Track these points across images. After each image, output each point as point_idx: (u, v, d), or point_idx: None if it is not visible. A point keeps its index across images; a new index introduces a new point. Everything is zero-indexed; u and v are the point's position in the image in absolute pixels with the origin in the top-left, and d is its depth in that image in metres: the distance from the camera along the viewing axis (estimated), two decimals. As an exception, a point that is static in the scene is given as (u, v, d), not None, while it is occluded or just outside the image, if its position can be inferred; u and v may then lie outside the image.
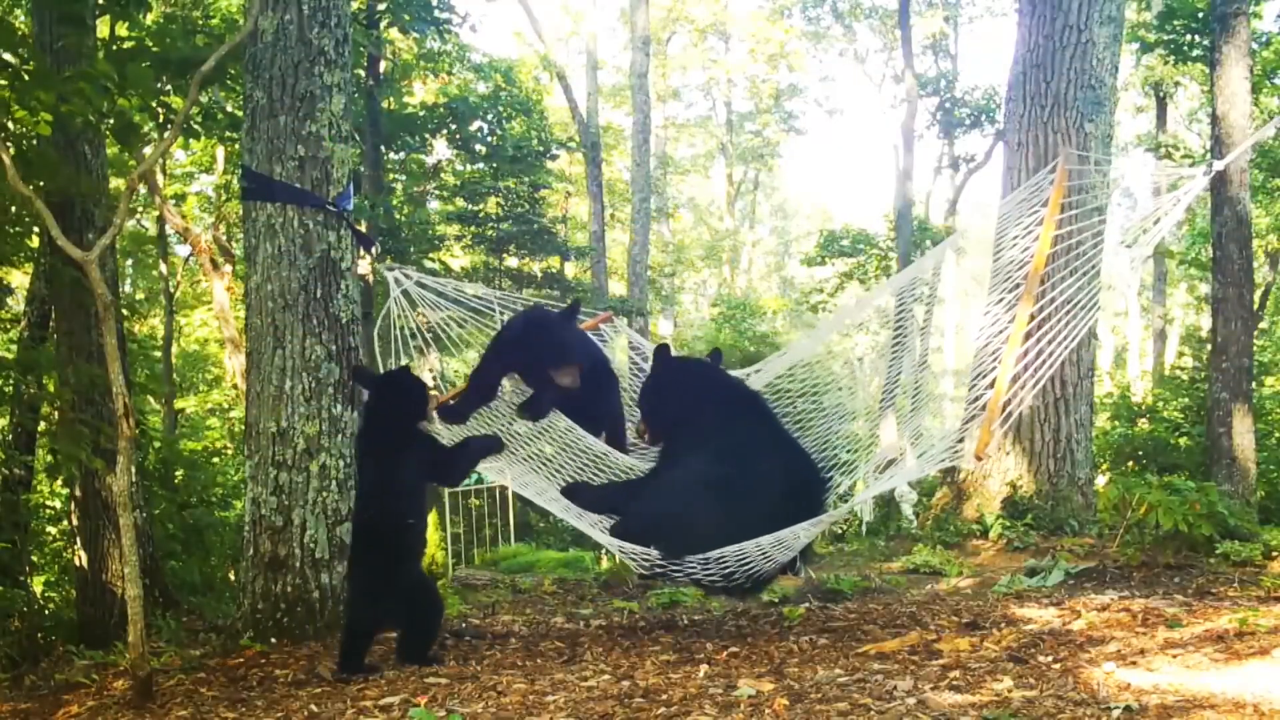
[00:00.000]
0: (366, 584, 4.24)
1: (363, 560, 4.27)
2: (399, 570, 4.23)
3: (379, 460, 4.30)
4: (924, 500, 11.92)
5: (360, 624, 4.26)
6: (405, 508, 4.27)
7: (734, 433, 4.69)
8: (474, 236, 19.61)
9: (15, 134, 6.39)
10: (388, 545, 4.21)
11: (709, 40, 31.20)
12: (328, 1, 5.10)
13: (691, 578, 4.50)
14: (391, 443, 4.31)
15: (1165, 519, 5.98)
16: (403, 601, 4.23)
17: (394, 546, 4.22)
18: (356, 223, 5.39)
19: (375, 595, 4.20)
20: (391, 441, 4.32)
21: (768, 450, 4.66)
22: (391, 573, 4.20)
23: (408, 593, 4.25)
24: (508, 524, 11.26)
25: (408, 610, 4.26)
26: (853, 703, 3.22)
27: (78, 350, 6.70)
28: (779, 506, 4.40)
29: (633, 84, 20.05)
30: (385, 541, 4.20)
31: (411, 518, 4.30)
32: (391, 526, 4.22)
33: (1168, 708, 3.01)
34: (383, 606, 4.22)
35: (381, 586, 4.19)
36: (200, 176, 17.01)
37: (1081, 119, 8.81)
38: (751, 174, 33.92)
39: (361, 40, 12.33)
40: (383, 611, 4.25)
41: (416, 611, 4.28)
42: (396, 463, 4.28)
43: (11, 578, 7.01)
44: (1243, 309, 9.58)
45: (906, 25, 18.44)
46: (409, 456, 4.32)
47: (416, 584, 4.35)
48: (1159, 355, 21.79)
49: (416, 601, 4.28)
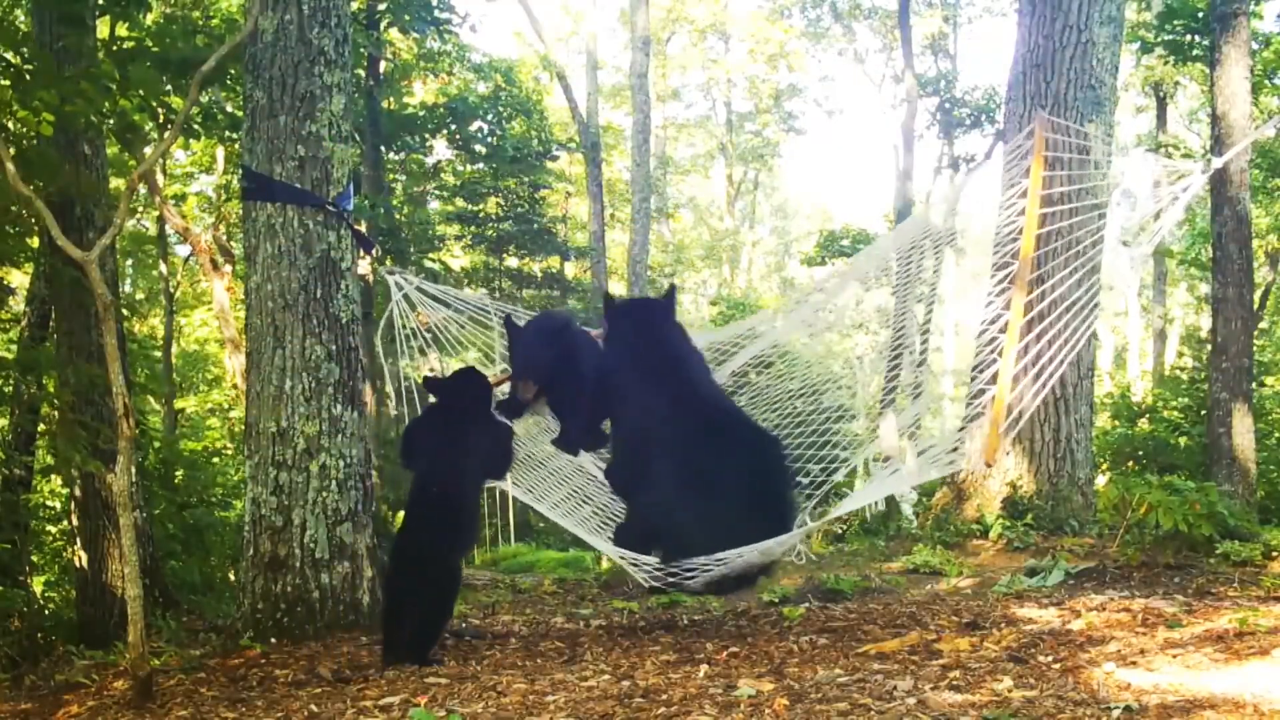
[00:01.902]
0: (417, 563, 4.33)
1: (419, 538, 4.38)
2: (451, 554, 4.40)
3: (450, 445, 4.51)
4: (924, 500, 11.92)
5: (405, 607, 4.34)
6: (472, 491, 4.58)
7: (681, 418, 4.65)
8: (474, 236, 19.63)
9: (15, 134, 6.39)
10: (448, 526, 4.37)
11: (709, 40, 31.20)
12: (328, 1, 5.10)
13: (698, 580, 4.48)
14: (465, 429, 4.58)
15: (1165, 519, 5.97)
16: (440, 586, 4.34)
17: (453, 528, 4.40)
18: (356, 223, 5.40)
19: (423, 576, 4.30)
20: (466, 428, 4.58)
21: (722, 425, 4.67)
22: (444, 554, 4.35)
23: (447, 578, 4.38)
24: (508, 524, 11.26)
25: (438, 597, 4.35)
26: (853, 703, 3.22)
27: (78, 350, 6.70)
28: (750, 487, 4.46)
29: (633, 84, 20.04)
30: (446, 522, 4.36)
31: (469, 498, 4.57)
32: (456, 507, 4.40)
33: (1168, 708, 3.00)
34: (417, 586, 4.30)
35: (430, 568, 4.30)
36: (200, 176, 17.01)
37: (1081, 119, 8.80)
38: (751, 174, 33.91)
39: (361, 40, 12.34)
40: (414, 591, 4.32)
41: (446, 601, 4.41)
42: (468, 449, 4.54)
43: (11, 578, 7.01)
44: (1243, 309, 9.58)
45: (906, 25, 18.45)
46: (480, 443, 4.61)
47: (453, 572, 4.49)
48: (1159, 355, 21.79)
49: (446, 591, 4.40)
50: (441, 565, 4.34)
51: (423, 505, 4.48)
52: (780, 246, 40.26)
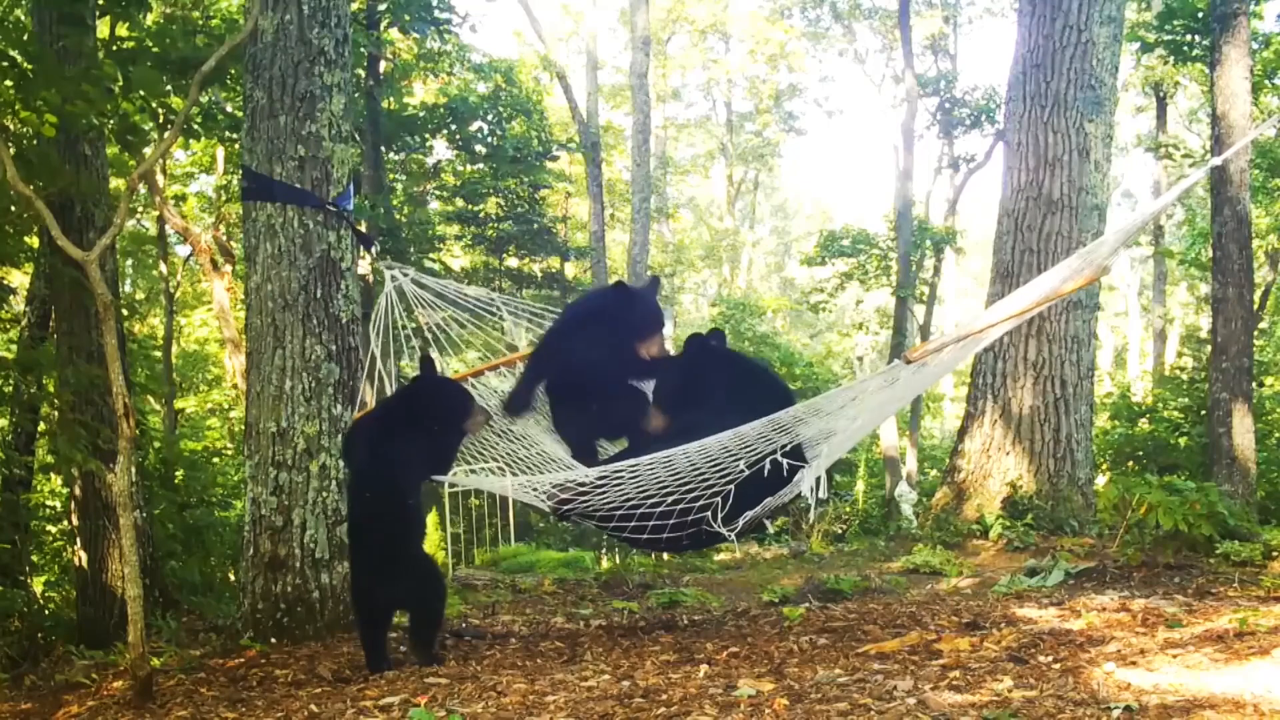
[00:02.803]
0: (372, 565, 4.26)
1: (365, 542, 4.30)
2: (403, 547, 4.28)
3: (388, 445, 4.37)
4: (924, 500, 11.93)
5: (372, 611, 4.28)
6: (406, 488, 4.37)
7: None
8: (474, 236, 19.62)
9: (16, 134, 6.39)
10: (391, 524, 4.25)
11: (709, 41, 31.19)
12: (328, 1, 5.10)
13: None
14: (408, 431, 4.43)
15: (1165, 519, 5.97)
16: (410, 578, 4.26)
17: (398, 524, 4.27)
18: (357, 223, 5.40)
19: (382, 575, 4.23)
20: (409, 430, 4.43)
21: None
22: (396, 550, 4.25)
23: (413, 568, 4.29)
24: (508, 524, 11.27)
25: (418, 588, 4.29)
26: (853, 703, 3.22)
27: (78, 350, 6.70)
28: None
29: (633, 84, 20.04)
30: (387, 521, 4.25)
31: (410, 499, 4.38)
32: (395, 505, 4.28)
33: (1168, 708, 3.00)
34: (391, 587, 4.24)
35: (387, 566, 4.23)
36: (200, 176, 17.02)
37: (1081, 119, 8.81)
38: (751, 174, 33.89)
39: (361, 40, 12.34)
40: (391, 592, 4.26)
41: (426, 588, 4.32)
42: (408, 449, 4.38)
43: (11, 578, 7.01)
44: (1243, 309, 9.58)
45: (906, 25, 18.43)
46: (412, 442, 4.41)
47: (420, 560, 4.40)
48: (1159, 355, 21.79)
49: (422, 578, 4.32)
50: (407, 559, 4.26)
51: (362, 509, 4.37)
52: (780, 246, 40.27)
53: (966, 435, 9.20)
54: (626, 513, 4.40)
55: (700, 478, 4.31)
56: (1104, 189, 9.07)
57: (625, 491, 4.35)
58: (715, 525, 4.36)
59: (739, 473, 4.30)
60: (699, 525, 4.42)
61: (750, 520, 4.45)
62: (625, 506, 4.38)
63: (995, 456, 8.86)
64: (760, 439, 4.25)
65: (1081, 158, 8.81)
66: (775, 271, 39.97)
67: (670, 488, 4.33)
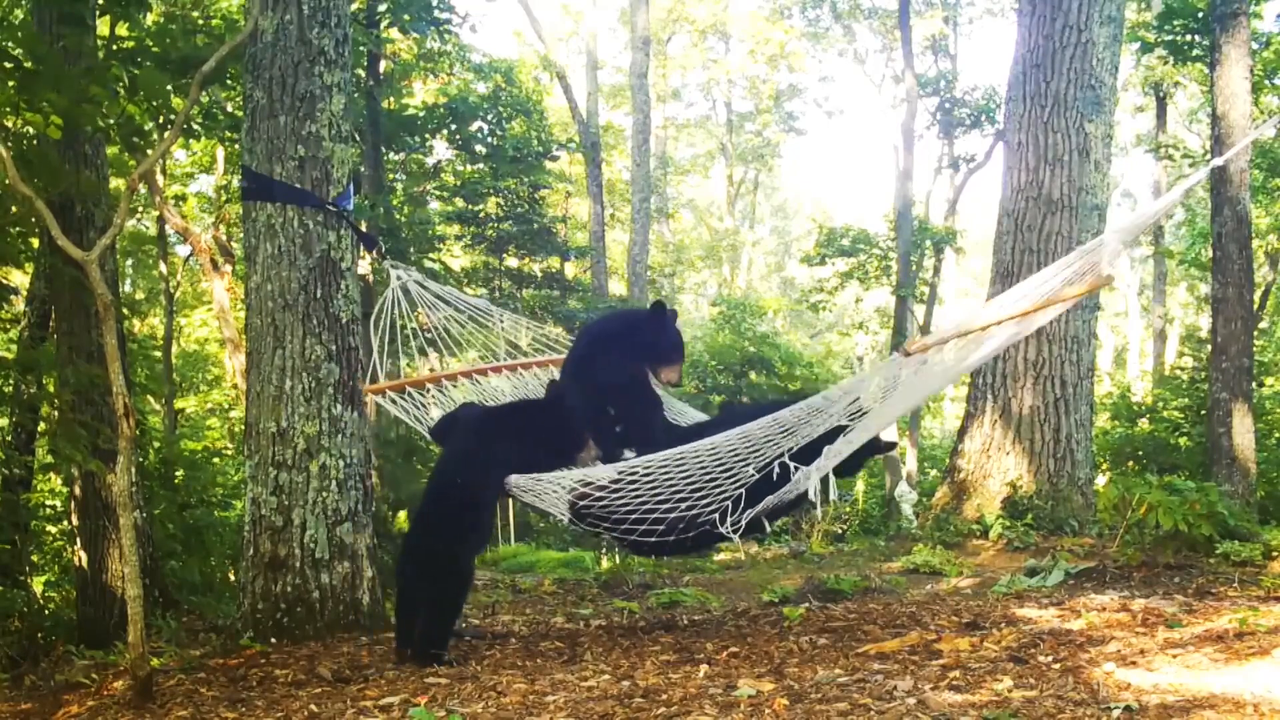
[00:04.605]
0: (420, 556, 4.35)
1: (434, 534, 4.38)
2: (459, 547, 4.37)
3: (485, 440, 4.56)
4: (924, 500, 11.93)
5: (406, 591, 4.40)
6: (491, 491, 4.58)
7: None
8: (474, 236, 19.61)
9: (16, 133, 6.39)
10: (464, 524, 4.38)
11: (709, 40, 31.21)
12: (328, 1, 5.10)
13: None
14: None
15: (1165, 519, 5.97)
16: (449, 584, 4.34)
17: (470, 526, 4.43)
18: (358, 223, 5.40)
19: (423, 568, 4.32)
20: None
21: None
22: (457, 552, 4.34)
23: (458, 577, 4.38)
24: (508, 524, 11.26)
25: (446, 595, 4.35)
26: (853, 703, 3.22)
27: (78, 350, 6.69)
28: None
29: (633, 84, 20.07)
30: (463, 519, 4.37)
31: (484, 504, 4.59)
32: (474, 504, 4.43)
33: (1168, 708, 3.01)
34: (426, 582, 4.31)
35: (441, 564, 4.30)
36: (200, 176, 17.02)
37: (1081, 119, 8.81)
38: (751, 174, 33.90)
39: (361, 40, 12.33)
40: (422, 588, 4.33)
41: (455, 598, 4.43)
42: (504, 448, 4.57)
43: (11, 578, 7.00)
44: (1243, 309, 9.58)
45: (906, 26, 18.44)
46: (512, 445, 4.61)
47: (467, 573, 4.50)
48: (1159, 355, 21.79)
49: (456, 590, 4.41)
50: (453, 563, 4.31)
51: (439, 497, 4.46)
52: (780, 246, 40.28)
53: (966, 435, 9.20)
54: (640, 516, 4.40)
55: (710, 480, 4.34)
56: (1104, 189, 9.07)
57: (640, 493, 4.37)
58: (723, 527, 4.39)
59: (749, 477, 4.34)
60: (705, 527, 4.46)
61: (755, 514, 4.48)
62: (640, 510, 4.39)
63: (995, 456, 8.86)
64: (766, 442, 4.29)
65: (1081, 158, 8.81)
66: (775, 271, 39.98)
67: (682, 490, 4.36)
